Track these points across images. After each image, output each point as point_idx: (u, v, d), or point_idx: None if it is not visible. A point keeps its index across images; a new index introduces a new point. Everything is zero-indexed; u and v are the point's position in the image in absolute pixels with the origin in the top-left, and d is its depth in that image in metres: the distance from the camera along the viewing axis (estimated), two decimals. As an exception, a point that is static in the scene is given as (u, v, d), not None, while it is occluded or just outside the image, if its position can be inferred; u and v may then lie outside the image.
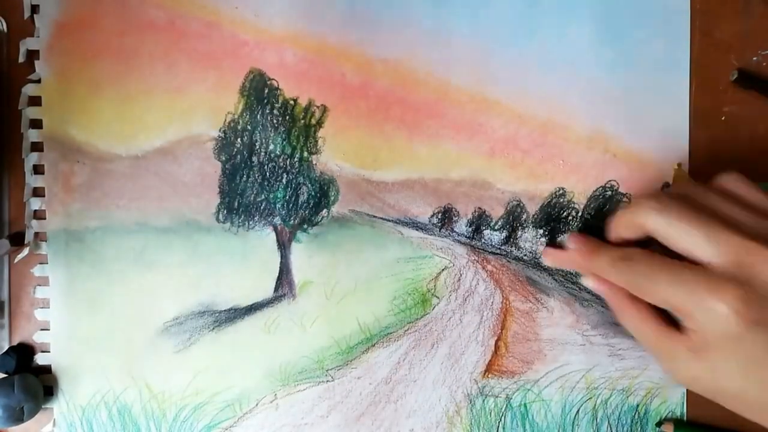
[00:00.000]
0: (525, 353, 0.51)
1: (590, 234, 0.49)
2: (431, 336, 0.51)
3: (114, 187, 0.49)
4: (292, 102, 0.49)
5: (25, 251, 0.49)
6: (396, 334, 0.51)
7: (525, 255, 0.51)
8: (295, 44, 0.49)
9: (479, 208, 0.50)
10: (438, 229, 0.51)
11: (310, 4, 0.49)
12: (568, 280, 0.51)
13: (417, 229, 0.50)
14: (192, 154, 0.50)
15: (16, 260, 0.49)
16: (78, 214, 0.49)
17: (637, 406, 0.51)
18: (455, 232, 0.51)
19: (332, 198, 0.50)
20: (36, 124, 0.49)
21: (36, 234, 0.50)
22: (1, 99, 0.49)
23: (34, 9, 0.48)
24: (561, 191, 0.50)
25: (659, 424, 0.51)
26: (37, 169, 0.49)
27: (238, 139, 0.50)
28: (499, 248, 0.51)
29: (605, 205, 0.50)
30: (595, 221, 0.51)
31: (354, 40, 0.49)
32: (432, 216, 0.50)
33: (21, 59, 0.48)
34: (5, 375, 0.49)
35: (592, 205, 0.50)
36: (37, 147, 0.49)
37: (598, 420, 0.51)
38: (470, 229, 0.51)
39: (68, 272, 0.50)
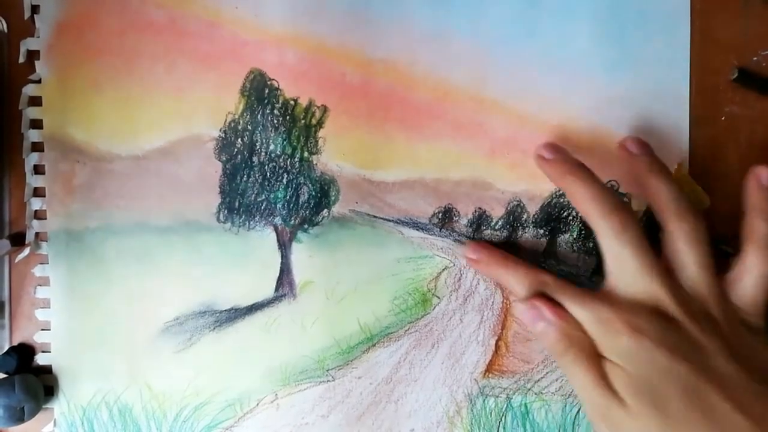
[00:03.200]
0: (526, 353, 0.51)
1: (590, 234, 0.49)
2: (432, 336, 0.51)
3: (114, 187, 0.49)
4: (292, 102, 0.49)
5: (26, 251, 0.49)
6: (396, 334, 0.51)
7: (525, 255, 0.51)
8: (295, 44, 0.49)
9: (479, 208, 0.50)
10: (438, 229, 0.51)
11: (310, 4, 0.49)
12: (569, 280, 0.51)
13: (417, 229, 0.51)
14: (192, 154, 0.50)
15: (16, 260, 0.49)
16: (78, 215, 0.49)
17: (637, 405, 0.51)
18: (455, 232, 0.51)
19: (333, 198, 0.50)
20: (36, 124, 0.49)
21: (36, 234, 0.50)
22: (1, 99, 0.49)
23: (35, 9, 0.48)
24: (561, 191, 0.50)
25: None
26: (38, 169, 0.49)
27: (239, 139, 0.50)
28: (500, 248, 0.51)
29: (605, 204, 0.50)
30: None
31: (354, 40, 0.49)
32: (432, 216, 0.50)
33: (21, 59, 0.48)
34: (5, 375, 0.49)
35: (592, 205, 0.50)
36: (37, 147, 0.49)
37: (598, 419, 0.51)
38: (470, 229, 0.51)
39: (69, 272, 0.50)
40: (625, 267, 0.41)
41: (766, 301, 0.42)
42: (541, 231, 0.51)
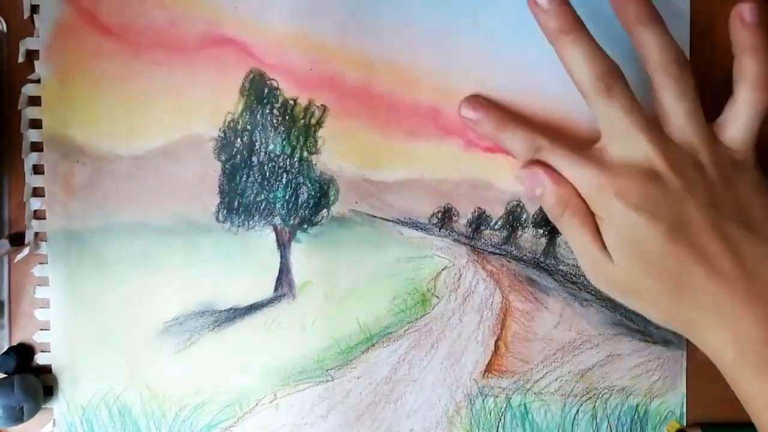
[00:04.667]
0: (525, 353, 0.51)
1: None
2: (431, 336, 0.51)
3: (114, 187, 0.49)
4: (291, 102, 0.49)
5: (25, 251, 0.49)
6: (396, 334, 0.51)
7: (525, 255, 0.51)
8: (295, 44, 0.49)
9: (479, 208, 0.50)
10: (438, 229, 0.51)
11: (310, 4, 0.49)
12: (568, 280, 0.51)
13: (417, 229, 0.51)
14: (192, 154, 0.50)
15: (16, 260, 0.49)
16: (78, 215, 0.49)
17: (637, 406, 0.51)
18: (455, 232, 0.51)
19: (332, 198, 0.50)
20: (36, 124, 0.49)
21: (36, 234, 0.50)
22: (0, 99, 0.49)
23: (34, 9, 0.48)
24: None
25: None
26: (37, 170, 0.49)
27: (238, 139, 0.50)
28: (499, 248, 0.51)
29: (605, 205, 0.50)
30: None
31: (354, 40, 0.49)
32: (432, 216, 0.50)
33: (21, 59, 0.48)
34: (5, 375, 0.49)
35: (591, 205, 0.50)
36: (36, 147, 0.49)
37: (597, 420, 0.51)
38: (470, 229, 0.51)
39: (68, 272, 0.50)
40: (615, 126, 0.42)
41: (755, 140, 0.42)
42: (541, 231, 0.51)
